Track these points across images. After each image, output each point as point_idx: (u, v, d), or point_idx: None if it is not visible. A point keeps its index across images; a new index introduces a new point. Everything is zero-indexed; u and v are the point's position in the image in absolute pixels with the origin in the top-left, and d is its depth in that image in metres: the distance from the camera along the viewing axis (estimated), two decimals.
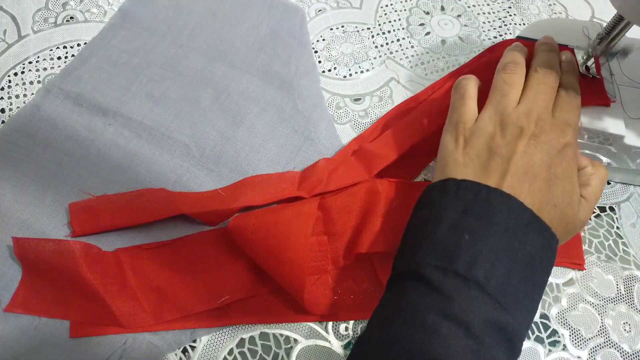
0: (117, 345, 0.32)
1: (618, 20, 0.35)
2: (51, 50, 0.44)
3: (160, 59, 0.44)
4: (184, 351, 0.32)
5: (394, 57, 0.47)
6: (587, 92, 0.35)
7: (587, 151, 0.38)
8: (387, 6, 0.51)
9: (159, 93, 0.42)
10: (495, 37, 0.49)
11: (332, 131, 0.42)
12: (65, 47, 0.45)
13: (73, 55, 0.44)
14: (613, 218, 0.39)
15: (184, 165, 0.39)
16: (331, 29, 0.48)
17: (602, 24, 0.37)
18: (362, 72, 0.46)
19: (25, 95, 0.42)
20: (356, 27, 0.49)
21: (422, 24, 0.50)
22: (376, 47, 0.47)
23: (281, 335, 0.33)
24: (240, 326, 0.33)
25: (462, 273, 0.25)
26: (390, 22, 0.49)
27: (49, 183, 0.37)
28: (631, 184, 0.41)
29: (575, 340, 0.34)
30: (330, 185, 0.37)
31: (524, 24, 0.50)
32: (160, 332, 0.33)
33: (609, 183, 0.41)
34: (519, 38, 0.40)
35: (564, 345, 0.34)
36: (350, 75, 0.46)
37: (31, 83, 0.42)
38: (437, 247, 0.26)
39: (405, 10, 0.50)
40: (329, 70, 0.46)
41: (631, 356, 0.34)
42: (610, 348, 0.34)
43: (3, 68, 0.43)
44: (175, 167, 0.39)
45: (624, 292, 0.36)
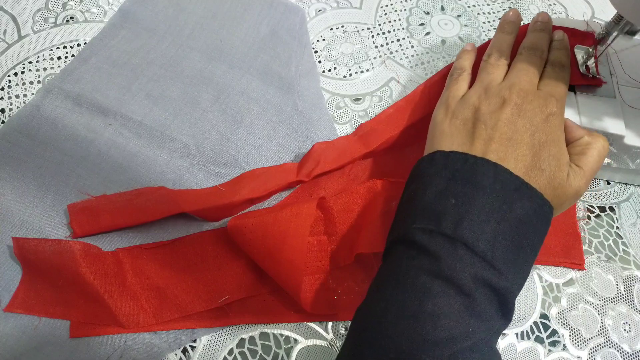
0: (117, 345, 0.32)
1: (618, 20, 0.35)
2: (51, 50, 0.44)
3: (160, 59, 0.44)
4: (184, 351, 0.32)
5: (394, 57, 0.47)
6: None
7: None
8: (387, 6, 0.51)
9: (159, 93, 0.42)
10: None
11: (332, 131, 0.42)
12: (65, 47, 0.45)
13: (73, 55, 0.44)
14: (613, 218, 0.39)
15: (184, 165, 0.39)
16: (331, 29, 0.48)
17: (602, 24, 0.37)
18: (362, 72, 0.46)
19: (25, 95, 0.42)
20: (356, 27, 0.49)
21: (422, 24, 0.50)
22: (376, 47, 0.47)
23: (281, 335, 0.33)
24: (240, 326, 0.33)
25: (449, 233, 0.26)
26: (390, 22, 0.49)
27: (49, 183, 0.37)
28: (631, 184, 0.41)
29: (575, 340, 0.34)
30: (327, 164, 0.37)
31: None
32: (160, 332, 0.33)
33: (609, 183, 0.41)
34: None
35: (564, 345, 0.34)
36: (350, 75, 0.46)
37: (31, 83, 0.42)
38: (425, 212, 0.27)
39: (405, 10, 0.50)
40: (329, 70, 0.46)
41: (631, 356, 0.34)
42: (610, 348, 0.34)
43: (3, 68, 0.43)
44: (175, 167, 0.39)
45: (624, 292, 0.36)
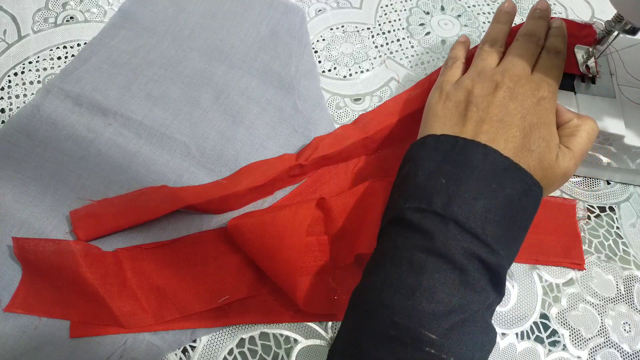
0: (117, 345, 0.32)
1: (618, 20, 0.35)
2: (51, 50, 0.44)
3: (160, 59, 0.44)
4: (184, 351, 0.32)
5: (394, 57, 0.47)
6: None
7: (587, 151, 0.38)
8: (387, 6, 0.51)
9: (159, 93, 0.42)
10: None
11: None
12: (65, 47, 0.45)
13: (73, 55, 0.44)
14: (613, 218, 0.39)
15: (184, 165, 0.39)
16: (331, 29, 0.48)
17: (602, 24, 0.37)
18: (362, 72, 0.46)
19: (25, 95, 0.42)
20: (356, 27, 0.49)
21: (422, 24, 0.50)
22: (376, 47, 0.47)
23: (281, 335, 0.33)
24: (240, 326, 0.33)
25: (440, 211, 0.26)
26: (390, 22, 0.49)
27: (49, 183, 0.37)
28: (631, 184, 0.41)
29: (575, 340, 0.34)
30: (325, 149, 0.38)
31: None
32: (160, 332, 0.33)
33: (609, 183, 0.41)
34: None
35: (564, 345, 0.34)
36: (350, 75, 0.46)
37: (31, 83, 0.42)
38: (417, 193, 0.28)
39: (405, 10, 0.50)
40: (329, 70, 0.46)
41: (631, 356, 0.34)
42: (610, 348, 0.34)
43: (3, 68, 0.43)
44: (175, 167, 0.39)
45: (624, 292, 0.36)
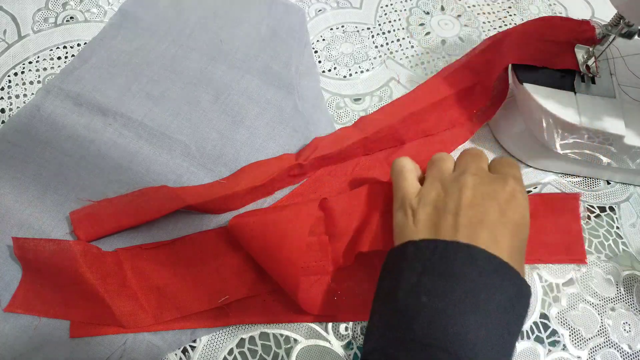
0: (117, 345, 0.32)
1: (618, 20, 0.35)
2: (51, 50, 0.44)
3: (160, 59, 0.44)
4: (184, 351, 0.32)
5: (394, 57, 0.47)
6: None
7: (587, 151, 0.38)
8: (387, 6, 0.51)
9: (159, 93, 0.42)
10: None
11: (332, 131, 0.42)
12: (65, 47, 0.45)
13: (73, 55, 0.44)
14: (613, 218, 0.39)
15: (184, 165, 0.39)
16: (331, 29, 0.48)
17: (602, 24, 0.37)
18: (362, 72, 0.46)
19: (25, 95, 0.42)
20: (356, 27, 0.49)
21: (422, 24, 0.50)
22: (376, 47, 0.47)
23: (281, 335, 0.33)
24: (240, 326, 0.33)
25: (419, 339, 0.24)
26: (390, 22, 0.49)
27: (49, 183, 0.37)
28: (631, 184, 0.41)
29: (575, 340, 0.34)
30: (325, 149, 0.38)
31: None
32: (160, 332, 0.33)
33: (609, 183, 0.41)
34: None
35: (564, 345, 0.34)
36: (350, 75, 0.46)
37: (31, 83, 0.42)
38: (396, 316, 0.26)
39: (405, 10, 0.50)
40: (329, 70, 0.46)
41: (631, 356, 0.34)
42: (610, 348, 0.34)
43: (3, 68, 0.43)
44: (175, 167, 0.39)
45: (624, 292, 0.36)
